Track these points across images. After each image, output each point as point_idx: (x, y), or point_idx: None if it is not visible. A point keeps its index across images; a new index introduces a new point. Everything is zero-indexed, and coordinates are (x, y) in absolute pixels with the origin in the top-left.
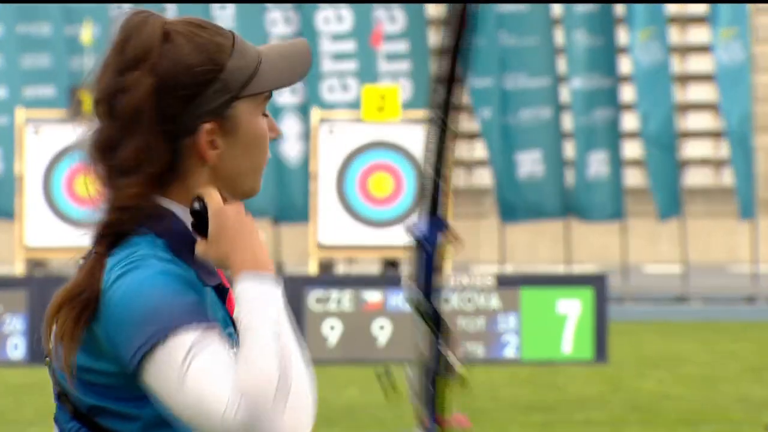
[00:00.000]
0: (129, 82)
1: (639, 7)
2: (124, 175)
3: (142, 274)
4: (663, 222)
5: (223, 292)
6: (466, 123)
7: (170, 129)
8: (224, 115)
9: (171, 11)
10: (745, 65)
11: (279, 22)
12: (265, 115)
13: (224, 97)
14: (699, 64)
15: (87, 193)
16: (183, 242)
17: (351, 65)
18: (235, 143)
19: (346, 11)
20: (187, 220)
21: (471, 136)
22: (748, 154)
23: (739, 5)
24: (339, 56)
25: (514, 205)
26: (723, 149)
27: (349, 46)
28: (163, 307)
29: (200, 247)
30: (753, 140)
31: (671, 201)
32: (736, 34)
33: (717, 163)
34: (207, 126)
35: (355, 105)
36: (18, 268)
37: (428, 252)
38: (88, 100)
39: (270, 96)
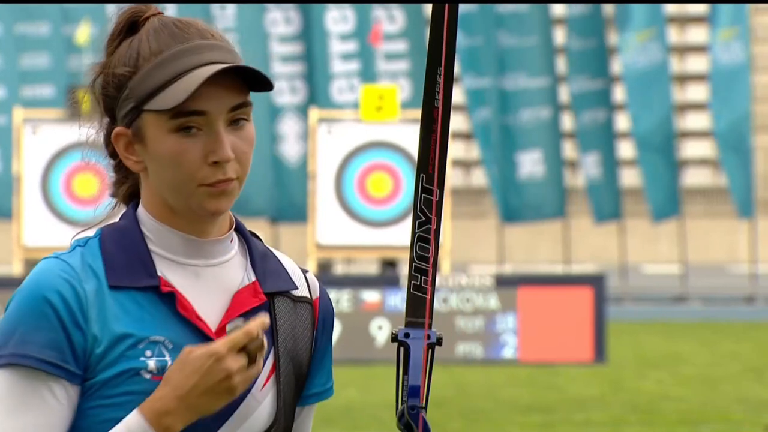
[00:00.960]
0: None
1: (637, 9)
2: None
3: (25, 284)
4: (657, 223)
5: (165, 296)
6: (464, 123)
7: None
8: (134, 124)
9: (171, 11)
10: (744, 65)
11: (279, 22)
12: (180, 130)
13: (129, 106)
14: (697, 64)
15: (85, 193)
16: (118, 238)
17: (356, 65)
18: (148, 156)
19: (349, 12)
20: (146, 224)
21: (469, 136)
22: (746, 153)
23: (739, 5)
24: (346, 56)
25: (515, 205)
26: None
27: (352, 46)
28: (16, 331)
29: (186, 351)
30: (752, 140)
31: (669, 201)
32: (736, 35)
33: (715, 163)
34: (117, 130)
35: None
36: (16, 268)
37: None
38: (86, 100)
39: (190, 113)
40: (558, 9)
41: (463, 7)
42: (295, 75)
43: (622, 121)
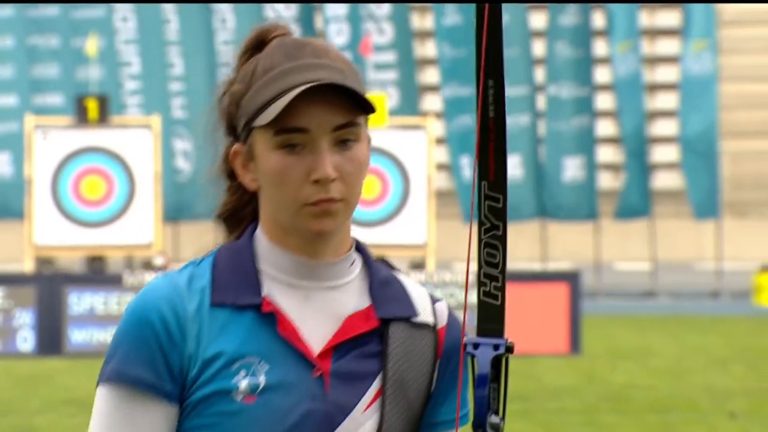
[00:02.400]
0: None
1: (619, 20)
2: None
3: (132, 302)
4: (626, 221)
5: (267, 316)
6: (440, 128)
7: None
8: (247, 141)
9: (173, 23)
10: (713, 75)
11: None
12: (284, 147)
13: (242, 122)
14: (668, 74)
15: (92, 195)
16: (230, 256)
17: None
18: (260, 174)
19: (344, 25)
20: (260, 243)
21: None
22: (713, 158)
23: (709, 18)
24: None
25: None
26: None
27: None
28: (118, 349)
29: None
30: (719, 145)
31: (641, 202)
32: (706, 46)
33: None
34: (234, 148)
35: None
36: (27, 266)
37: (482, 392)
38: (93, 108)
39: (292, 130)
40: (538, 21)
41: (450, 20)
42: None
43: (602, 127)
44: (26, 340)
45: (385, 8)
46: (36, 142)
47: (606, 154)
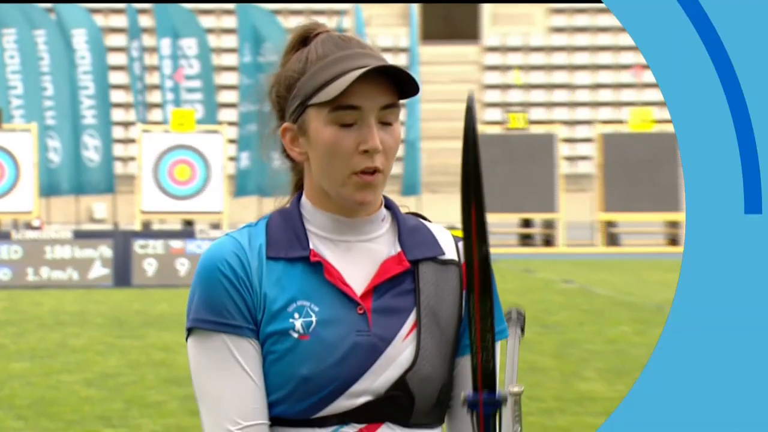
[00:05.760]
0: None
1: None
2: None
3: (201, 259)
4: None
5: (314, 265)
6: (233, 133)
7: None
8: (299, 119)
9: (44, 54)
10: (417, 96)
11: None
12: (338, 123)
13: (296, 103)
14: None
15: None
16: (281, 219)
17: (171, 96)
18: (311, 147)
19: (168, 60)
20: (305, 207)
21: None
22: (417, 153)
23: (415, 58)
24: (171, 89)
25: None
26: (398, 151)
27: (171, 83)
28: (193, 301)
29: None
30: (420, 145)
31: None
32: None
33: (395, 160)
34: (285, 125)
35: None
36: None
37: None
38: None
39: (347, 107)
40: None
41: (247, 59)
42: (137, 102)
43: None
44: None
45: (194, 50)
46: None
47: None
